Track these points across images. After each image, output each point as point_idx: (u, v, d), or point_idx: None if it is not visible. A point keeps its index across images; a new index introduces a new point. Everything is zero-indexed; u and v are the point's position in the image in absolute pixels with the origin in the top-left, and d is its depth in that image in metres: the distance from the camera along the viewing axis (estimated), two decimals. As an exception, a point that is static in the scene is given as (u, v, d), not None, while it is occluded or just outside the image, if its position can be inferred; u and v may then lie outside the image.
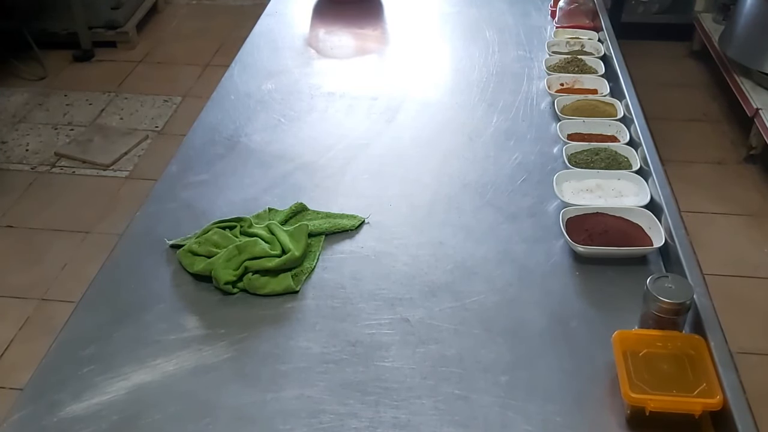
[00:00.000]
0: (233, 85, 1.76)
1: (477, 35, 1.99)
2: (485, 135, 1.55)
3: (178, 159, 1.48)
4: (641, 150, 1.40)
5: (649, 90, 2.36)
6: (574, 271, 1.19)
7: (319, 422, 0.95)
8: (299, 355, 1.04)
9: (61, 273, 2.49)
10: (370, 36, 2.05)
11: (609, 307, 1.12)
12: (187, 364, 1.03)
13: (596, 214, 1.26)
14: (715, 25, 3.46)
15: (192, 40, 3.99)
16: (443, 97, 1.73)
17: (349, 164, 1.47)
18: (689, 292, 1.00)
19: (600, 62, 1.74)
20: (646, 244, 1.21)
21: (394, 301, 1.13)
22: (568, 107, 1.58)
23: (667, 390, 0.92)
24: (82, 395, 0.99)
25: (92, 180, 2.97)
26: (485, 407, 0.96)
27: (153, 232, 1.28)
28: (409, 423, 0.94)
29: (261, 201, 1.36)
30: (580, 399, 0.98)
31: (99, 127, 3.26)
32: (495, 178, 1.41)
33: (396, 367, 1.02)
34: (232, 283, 1.15)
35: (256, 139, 1.55)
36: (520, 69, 1.81)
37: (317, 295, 1.15)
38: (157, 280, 1.18)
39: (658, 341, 0.98)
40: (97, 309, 1.13)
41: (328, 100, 1.70)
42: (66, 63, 3.77)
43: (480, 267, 1.20)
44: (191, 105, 3.40)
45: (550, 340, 1.07)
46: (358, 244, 1.25)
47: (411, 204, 1.35)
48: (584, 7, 1.98)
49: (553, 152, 1.48)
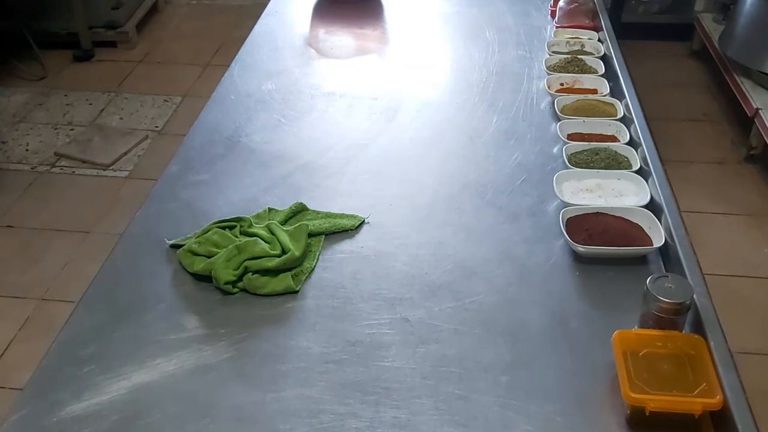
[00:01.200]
0: (233, 85, 1.76)
1: (477, 35, 1.99)
2: (485, 135, 1.55)
3: (178, 159, 1.48)
4: (641, 150, 1.40)
5: (649, 90, 2.36)
6: (574, 271, 1.19)
7: (319, 422, 0.95)
8: (299, 355, 1.04)
9: (61, 273, 2.49)
10: (370, 36, 2.05)
11: (609, 307, 1.12)
12: (187, 364, 1.03)
13: (596, 214, 1.26)
14: (715, 25, 3.46)
15: (192, 40, 3.99)
16: (443, 97, 1.73)
17: (349, 164, 1.47)
18: (689, 292, 1.00)
19: (600, 62, 1.74)
20: (646, 244, 1.21)
21: (394, 301, 1.13)
22: (568, 107, 1.58)
23: (667, 390, 0.92)
24: (82, 395, 0.99)
25: (92, 180, 2.97)
26: (485, 407, 0.96)
27: (153, 232, 1.28)
28: (409, 423, 0.94)
29: (261, 201, 1.36)
30: (580, 399, 0.98)
31: (99, 127, 3.26)
32: (495, 178, 1.41)
33: (396, 367, 1.02)
34: (232, 283, 1.15)
35: (256, 139, 1.55)
36: (520, 69, 1.81)
37: (317, 295, 1.15)
38: (157, 280, 1.18)
39: (658, 341, 0.98)
40: (97, 309, 1.13)
41: (328, 100, 1.70)
42: (66, 63, 3.77)
43: (480, 267, 1.20)
44: (191, 105, 3.40)
45: (550, 339, 1.07)
46: (358, 244, 1.25)
47: (411, 204, 1.35)
48: (584, 7, 1.98)
49: (553, 152, 1.48)
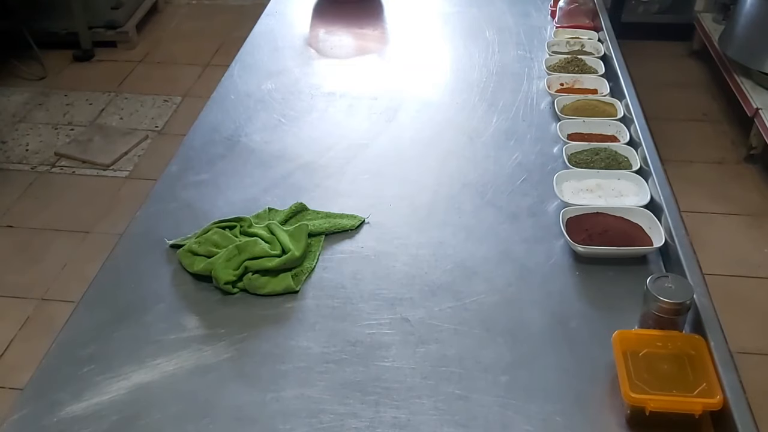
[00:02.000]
0: (233, 84, 1.76)
1: (477, 35, 1.99)
2: (485, 135, 1.55)
3: (178, 159, 1.48)
4: (641, 150, 1.40)
5: (649, 90, 2.36)
6: (574, 270, 1.19)
7: (319, 422, 0.95)
8: (299, 355, 1.04)
9: (61, 273, 2.49)
10: (370, 36, 2.05)
11: (609, 307, 1.12)
12: (187, 364, 1.03)
13: (596, 214, 1.26)
14: (715, 24, 3.46)
15: (192, 40, 3.99)
16: (443, 97, 1.73)
17: (349, 164, 1.47)
18: (689, 292, 1.00)
19: (600, 62, 1.74)
20: (646, 244, 1.21)
21: (394, 301, 1.13)
22: (568, 107, 1.58)
23: (667, 390, 0.92)
24: (82, 395, 0.99)
25: (92, 180, 2.97)
26: (485, 407, 0.96)
27: (153, 232, 1.28)
28: (409, 423, 0.94)
29: (261, 201, 1.36)
30: (580, 399, 0.98)
31: (99, 126, 3.26)
32: (495, 178, 1.41)
33: (396, 366, 1.02)
34: (232, 283, 1.15)
35: (256, 139, 1.55)
36: (520, 69, 1.81)
37: (317, 295, 1.15)
38: (157, 280, 1.18)
39: (658, 341, 0.98)
40: (97, 309, 1.13)
41: (328, 100, 1.70)
42: (66, 63, 3.77)
43: (480, 267, 1.20)
44: (191, 105, 3.40)
45: (550, 339, 1.07)
46: (358, 244, 1.25)
47: (411, 204, 1.35)
48: (584, 7, 1.98)
49: (553, 152, 1.48)
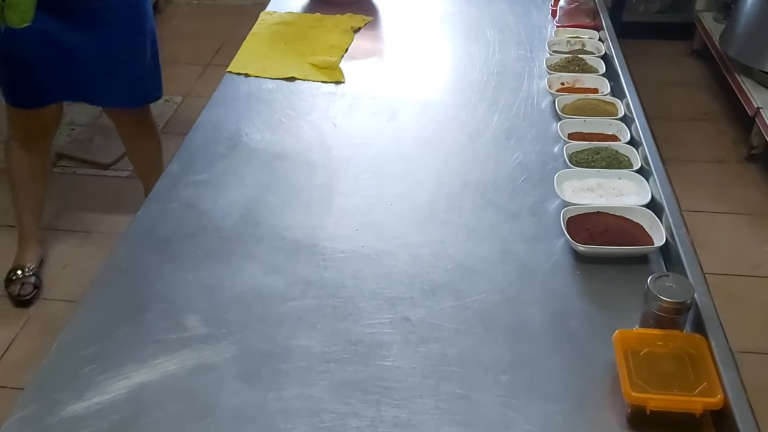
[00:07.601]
0: (234, 84, 1.76)
1: (477, 34, 1.99)
2: (486, 134, 1.55)
3: (179, 158, 1.48)
4: (642, 149, 1.40)
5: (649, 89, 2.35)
6: (575, 270, 1.19)
7: (320, 421, 0.95)
8: (300, 355, 1.04)
9: (62, 273, 2.49)
10: (369, 36, 2.05)
11: (610, 307, 1.12)
12: (188, 363, 1.03)
13: (597, 213, 1.26)
14: (716, 24, 3.45)
15: (193, 40, 3.99)
16: (444, 97, 1.73)
17: (350, 163, 1.47)
18: (690, 292, 1.00)
19: (601, 61, 1.74)
20: (647, 244, 1.21)
21: (394, 301, 1.13)
22: (568, 106, 1.58)
23: (667, 389, 0.92)
24: (84, 395, 0.99)
25: (93, 179, 2.97)
26: (486, 406, 0.96)
27: (154, 231, 1.28)
28: (410, 422, 0.94)
29: (262, 200, 1.36)
30: (581, 398, 0.98)
31: (100, 126, 3.26)
32: (496, 178, 1.41)
33: (397, 366, 1.02)
34: None
35: (256, 138, 1.55)
36: (521, 68, 1.81)
37: (318, 295, 1.15)
38: (158, 280, 1.18)
39: (659, 340, 0.98)
40: (98, 308, 1.13)
41: (328, 99, 1.70)
42: (67, 63, 3.77)
43: (481, 266, 1.20)
44: (192, 104, 3.39)
45: (550, 339, 1.07)
46: (359, 244, 1.25)
47: (412, 203, 1.35)
48: (585, 6, 1.98)
49: (553, 151, 1.48)
